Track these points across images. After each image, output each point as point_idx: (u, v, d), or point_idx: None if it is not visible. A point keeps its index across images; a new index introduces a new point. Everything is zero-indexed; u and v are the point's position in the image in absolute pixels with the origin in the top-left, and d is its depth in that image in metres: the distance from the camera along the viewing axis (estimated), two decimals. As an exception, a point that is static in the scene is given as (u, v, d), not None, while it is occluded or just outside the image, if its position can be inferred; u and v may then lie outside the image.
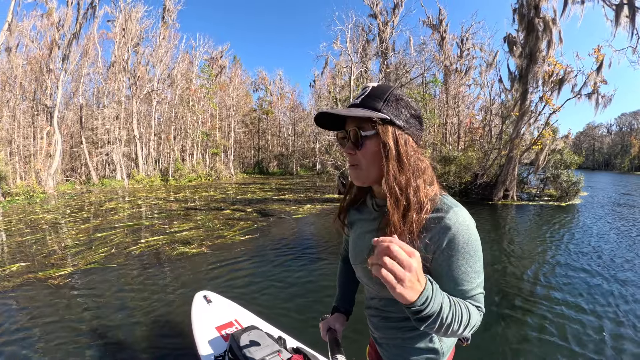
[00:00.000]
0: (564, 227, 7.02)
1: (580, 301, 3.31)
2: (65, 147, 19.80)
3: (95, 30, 19.52)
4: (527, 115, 11.53)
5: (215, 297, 2.30)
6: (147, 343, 2.56)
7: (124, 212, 8.75)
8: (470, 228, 0.66)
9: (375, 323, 0.87)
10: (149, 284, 3.76)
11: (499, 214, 9.12)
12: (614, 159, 59.11)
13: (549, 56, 10.97)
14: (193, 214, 8.40)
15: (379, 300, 0.84)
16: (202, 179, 22.34)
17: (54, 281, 3.83)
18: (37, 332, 2.74)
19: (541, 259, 4.70)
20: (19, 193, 12.76)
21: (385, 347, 0.86)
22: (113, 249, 5.17)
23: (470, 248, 0.65)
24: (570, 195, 11.43)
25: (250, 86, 36.97)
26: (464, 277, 0.66)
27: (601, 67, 11.36)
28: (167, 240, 5.62)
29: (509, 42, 12.40)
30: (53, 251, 5.15)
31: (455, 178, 13.02)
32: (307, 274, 4.06)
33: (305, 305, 3.19)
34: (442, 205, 0.68)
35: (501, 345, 2.53)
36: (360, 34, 15.75)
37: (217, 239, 5.63)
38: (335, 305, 1.04)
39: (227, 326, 1.97)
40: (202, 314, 2.09)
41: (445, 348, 0.80)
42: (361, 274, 0.82)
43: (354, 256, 0.85)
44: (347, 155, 0.74)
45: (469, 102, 20.76)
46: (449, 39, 19.23)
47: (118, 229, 6.67)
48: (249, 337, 1.59)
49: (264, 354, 1.50)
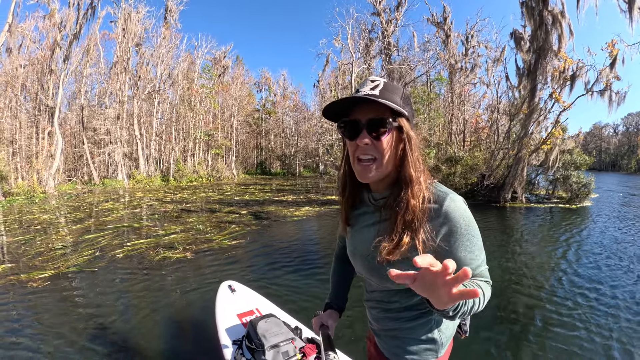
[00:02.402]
0: (577, 231, 6.55)
1: (608, 328, 2.78)
2: (67, 148, 19.87)
3: (97, 30, 19.57)
4: (536, 113, 11.05)
5: (239, 286, 2.40)
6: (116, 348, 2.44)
7: (117, 213, 8.58)
8: (467, 211, 0.71)
9: (375, 315, 0.88)
10: (125, 290, 3.57)
11: (508, 217, 8.67)
12: (621, 159, 57.92)
13: (559, 51, 10.50)
14: (186, 216, 8.18)
15: (379, 292, 0.85)
16: (204, 179, 22.23)
17: (34, 284, 3.74)
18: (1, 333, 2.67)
19: (557, 269, 4.23)
20: (19, 193, 12.78)
21: (384, 338, 0.86)
22: (97, 252, 5.02)
23: (471, 229, 0.70)
24: (581, 197, 10.92)
25: (254, 86, 36.91)
26: (470, 256, 0.70)
27: (615, 62, 10.84)
28: (153, 244, 5.41)
29: (515, 38, 11.96)
30: (40, 253, 5.08)
31: (461, 179, 12.58)
32: (292, 287, 3.71)
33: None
34: (438, 193, 0.71)
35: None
36: (362, 32, 15.41)
37: (204, 243, 5.37)
38: (328, 302, 1.05)
39: (248, 314, 2.06)
40: (225, 302, 2.19)
41: (444, 338, 0.81)
42: (361, 267, 0.83)
43: (353, 250, 0.85)
44: (360, 148, 0.71)
45: (475, 101, 20.28)
46: (453, 36, 18.82)
47: (108, 230, 6.51)
48: (266, 324, 1.68)
49: (278, 340, 1.58)
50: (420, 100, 14.43)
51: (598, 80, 11.03)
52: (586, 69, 11.03)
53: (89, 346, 2.48)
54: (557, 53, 10.76)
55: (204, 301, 3.19)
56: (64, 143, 18.33)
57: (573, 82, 10.98)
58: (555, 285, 3.68)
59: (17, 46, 16.37)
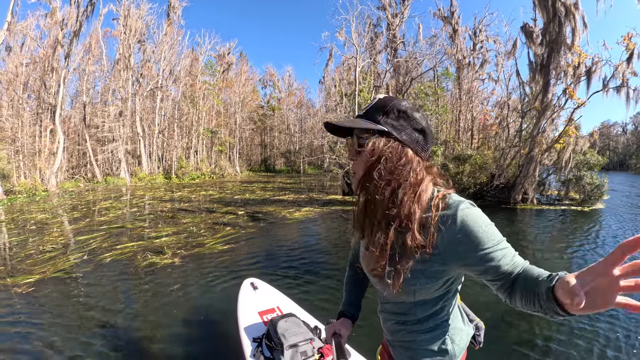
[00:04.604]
0: (592, 237, 6.12)
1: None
2: (71, 145, 19.91)
3: (99, 27, 19.48)
4: (549, 110, 10.54)
5: (261, 284, 2.40)
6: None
7: (114, 213, 8.42)
8: (479, 214, 0.67)
9: (390, 326, 0.88)
10: (107, 298, 3.37)
11: (518, 220, 8.25)
12: (629, 159, 56.65)
13: (573, 44, 9.96)
14: (181, 217, 7.96)
15: (394, 305, 0.84)
16: (206, 177, 22.11)
17: (18, 289, 3.64)
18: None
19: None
20: (21, 191, 12.77)
21: (399, 349, 0.87)
22: (85, 256, 4.85)
23: (489, 229, 0.66)
24: (594, 199, 10.40)
25: (259, 83, 36.66)
26: (500, 252, 0.65)
27: (632, 57, 10.24)
28: (143, 247, 5.19)
29: (526, 32, 11.42)
30: (29, 255, 4.97)
31: (469, 179, 12.13)
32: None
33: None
34: (448, 204, 0.69)
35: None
36: (367, 25, 14.93)
37: (195, 247, 5.11)
38: (342, 310, 1.05)
39: (269, 312, 2.07)
40: (247, 299, 2.20)
41: (458, 350, 0.81)
42: (375, 280, 0.82)
43: (368, 262, 0.83)
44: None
45: (483, 98, 19.68)
46: (461, 31, 18.26)
47: (101, 231, 6.34)
48: (286, 324, 1.69)
49: (297, 340, 1.59)
50: (426, 97, 13.98)
51: (614, 76, 10.45)
52: (601, 64, 10.46)
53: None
54: (570, 47, 10.21)
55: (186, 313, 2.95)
56: (67, 141, 18.35)
57: (589, 78, 10.40)
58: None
59: (20, 45, 16.38)
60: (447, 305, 0.79)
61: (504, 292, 0.65)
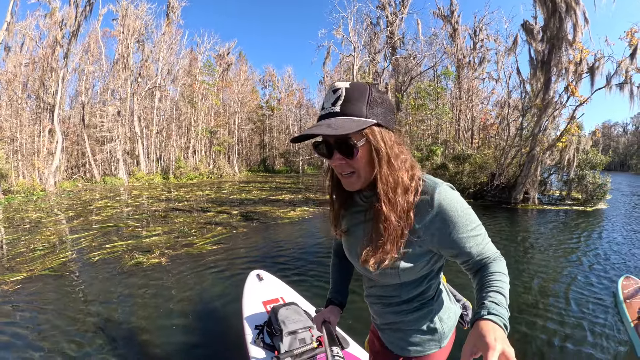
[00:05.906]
0: (595, 239, 5.93)
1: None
2: (70, 145, 19.89)
3: (98, 28, 19.48)
4: (550, 108, 10.37)
5: (267, 275, 2.49)
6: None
7: (108, 212, 8.34)
8: (457, 197, 0.69)
9: (377, 310, 0.89)
10: (91, 295, 3.35)
11: (519, 220, 8.07)
12: (630, 159, 56.47)
13: (574, 40, 9.80)
14: (174, 216, 7.87)
15: (379, 288, 0.85)
16: (204, 177, 22.03)
17: (5, 286, 3.62)
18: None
19: (574, 285, 3.66)
20: (19, 191, 12.75)
21: (388, 332, 0.88)
22: (74, 254, 4.78)
23: (465, 214, 0.68)
24: (596, 199, 10.22)
25: (259, 83, 36.60)
26: (473, 240, 0.69)
27: (635, 52, 10.06)
28: (132, 247, 5.10)
29: (526, 29, 11.28)
30: (20, 253, 4.93)
31: (469, 178, 11.97)
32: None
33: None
34: (426, 187, 0.70)
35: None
36: (365, 23, 14.81)
37: (184, 247, 5.01)
38: (329, 298, 1.05)
39: (272, 301, 2.14)
40: (252, 289, 2.29)
41: (447, 329, 0.83)
42: (357, 265, 0.84)
43: (349, 250, 0.85)
44: (337, 166, 0.72)
45: (483, 97, 19.53)
46: (461, 30, 18.14)
47: (93, 231, 6.27)
48: (287, 312, 1.75)
49: (297, 327, 1.66)
50: (427, 96, 13.83)
51: (617, 72, 10.27)
52: (604, 61, 10.28)
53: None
54: (572, 43, 10.05)
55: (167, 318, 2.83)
56: (65, 141, 18.34)
57: (593, 74, 10.22)
58: (572, 307, 3.18)
59: (19, 45, 16.38)
60: (432, 284, 0.81)
61: (469, 272, 0.74)
